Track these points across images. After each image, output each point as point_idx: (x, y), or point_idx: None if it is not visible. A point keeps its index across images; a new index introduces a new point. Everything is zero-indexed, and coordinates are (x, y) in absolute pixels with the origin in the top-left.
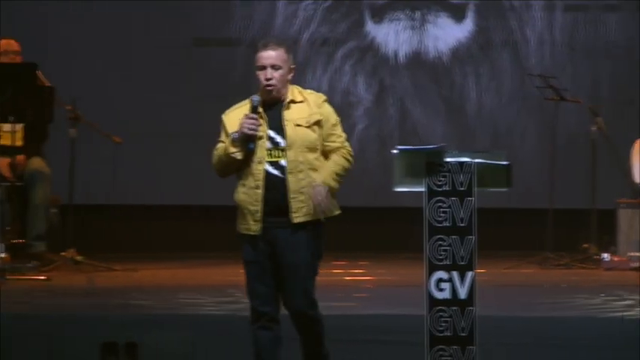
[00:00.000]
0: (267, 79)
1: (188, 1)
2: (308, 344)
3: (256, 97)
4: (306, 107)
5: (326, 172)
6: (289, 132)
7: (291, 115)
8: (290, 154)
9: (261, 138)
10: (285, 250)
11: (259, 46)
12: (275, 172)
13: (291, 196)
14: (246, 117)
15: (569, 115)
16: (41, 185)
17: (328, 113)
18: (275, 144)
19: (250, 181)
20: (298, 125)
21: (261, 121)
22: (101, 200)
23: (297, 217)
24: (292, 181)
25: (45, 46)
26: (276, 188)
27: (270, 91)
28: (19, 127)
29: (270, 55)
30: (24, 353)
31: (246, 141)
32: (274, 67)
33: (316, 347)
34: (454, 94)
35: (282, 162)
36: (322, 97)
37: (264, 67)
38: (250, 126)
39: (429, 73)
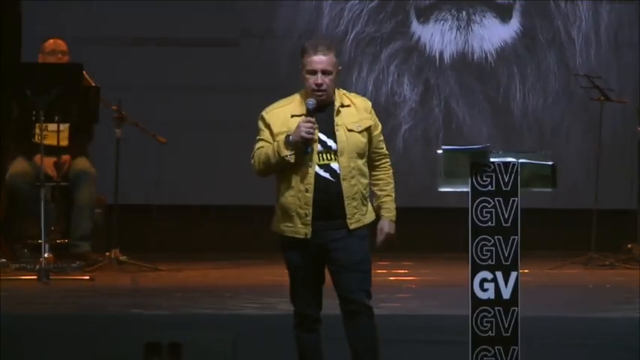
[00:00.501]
0: (318, 85)
1: (234, 0)
2: (359, 338)
3: (312, 101)
4: (355, 111)
5: (392, 205)
6: (342, 137)
7: (343, 120)
8: (342, 159)
9: (315, 141)
10: (340, 251)
11: (308, 49)
12: (325, 174)
13: (346, 202)
14: (304, 121)
15: (614, 116)
16: (86, 185)
17: (376, 119)
18: (327, 147)
19: (300, 185)
20: (351, 130)
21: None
22: (146, 200)
23: (353, 224)
24: (346, 187)
25: (91, 46)
26: (326, 191)
27: (320, 95)
28: (64, 127)
29: (321, 60)
30: (68, 353)
31: (304, 144)
32: (325, 73)
33: (373, 344)
34: (500, 95)
35: (333, 165)
36: (369, 102)
37: (314, 72)
38: (309, 129)
39: (474, 73)
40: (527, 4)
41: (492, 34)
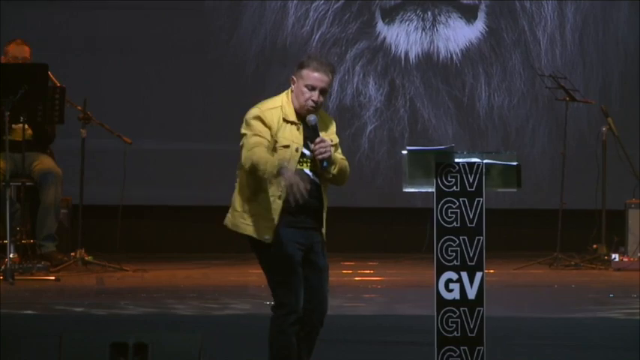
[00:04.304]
0: (315, 102)
1: (199, 1)
2: (311, 345)
3: (314, 117)
4: (325, 127)
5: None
6: None
7: (321, 131)
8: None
9: (297, 150)
10: (319, 253)
11: (310, 62)
12: (314, 177)
13: (324, 209)
14: (303, 184)
15: (579, 116)
16: (52, 186)
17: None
18: (303, 154)
19: (274, 190)
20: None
21: (298, 134)
22: (111, 201)
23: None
24: (324, 198)
25: (55, 46)
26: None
27: (313, 112)
28: (29, 127)
29: (323, 80)
30: (33, 354)
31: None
32: (323, 92)
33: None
34: (465, 95)
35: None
36: (334, 121)
37: (314, 88)
38: (301, 192)
39: (439, 73)
40: (492, 4)
41: (458, 34)
